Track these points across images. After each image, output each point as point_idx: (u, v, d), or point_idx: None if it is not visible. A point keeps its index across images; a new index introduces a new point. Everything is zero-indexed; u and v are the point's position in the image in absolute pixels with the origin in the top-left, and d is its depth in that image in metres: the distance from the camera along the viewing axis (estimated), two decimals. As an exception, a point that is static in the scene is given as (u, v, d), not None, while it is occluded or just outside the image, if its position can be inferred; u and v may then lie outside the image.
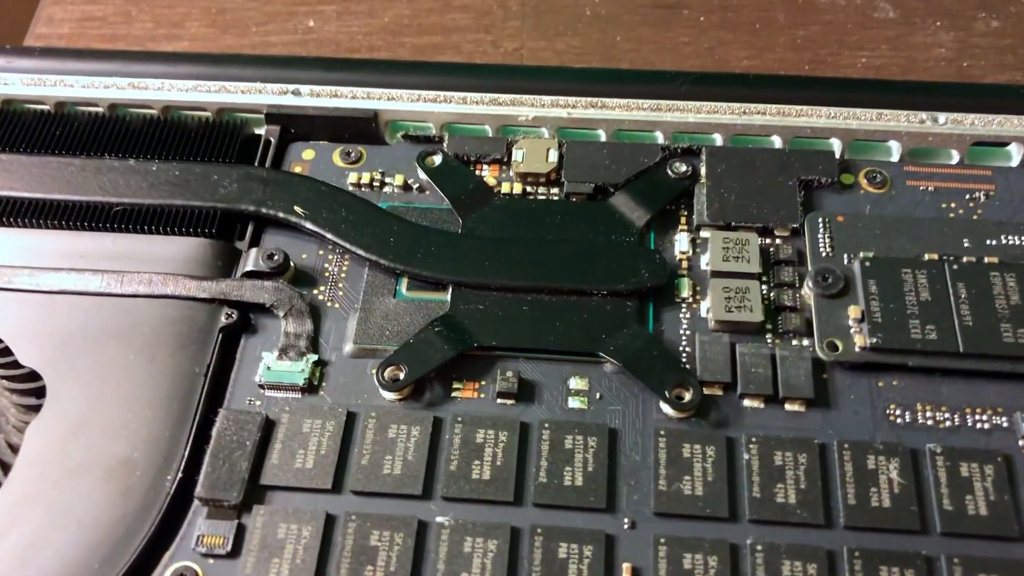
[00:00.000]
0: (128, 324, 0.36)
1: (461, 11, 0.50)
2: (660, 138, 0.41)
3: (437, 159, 0.40)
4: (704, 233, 0.38)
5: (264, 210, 0.38)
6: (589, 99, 0.41)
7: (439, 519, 0.32)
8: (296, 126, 0.42)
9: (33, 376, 0.35)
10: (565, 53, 0.49)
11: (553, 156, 0.40)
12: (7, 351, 0.36)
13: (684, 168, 0.39)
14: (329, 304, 0.37)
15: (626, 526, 0.32)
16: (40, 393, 0.35)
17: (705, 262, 0.37)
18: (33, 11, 0.53)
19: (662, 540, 0.31)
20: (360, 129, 0.42)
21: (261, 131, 0.42)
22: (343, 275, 0.38)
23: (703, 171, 0.39)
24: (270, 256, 0.37)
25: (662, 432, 0.33)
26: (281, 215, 0.38)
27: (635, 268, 0.36)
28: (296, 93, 0.42)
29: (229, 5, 0.52)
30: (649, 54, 0.49)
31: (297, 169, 0.41)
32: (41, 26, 0.52)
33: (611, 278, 0.36)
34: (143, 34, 0.51)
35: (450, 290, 0.36)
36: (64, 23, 0.51)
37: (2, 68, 0.43)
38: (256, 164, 0.41)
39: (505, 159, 0.40)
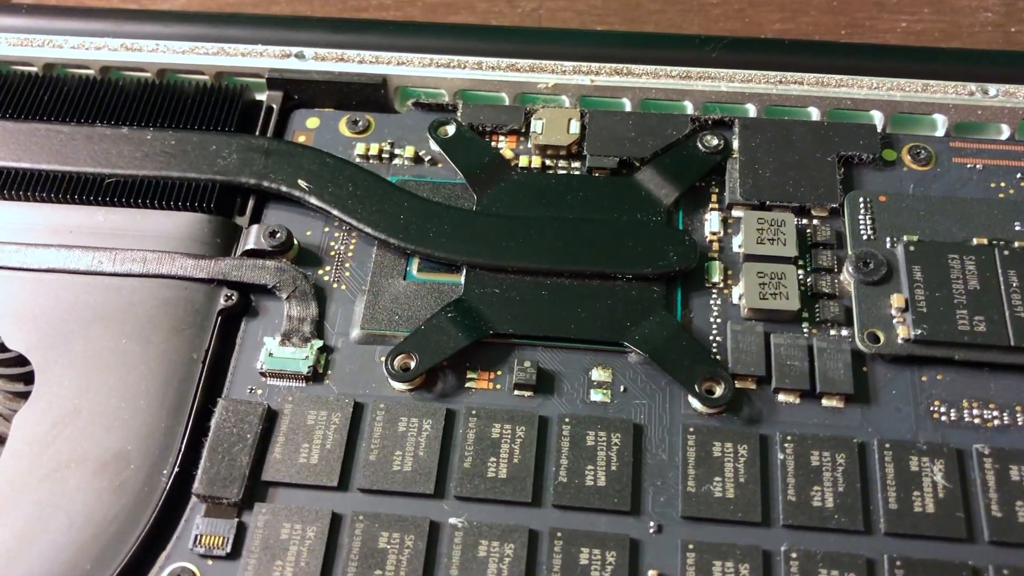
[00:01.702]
0: (121, 305, 0.34)
1: (475, -32, 0.47)
2: (690, 108, 0.39)
3: (450, 129, 0.37)
4: (736, 212, 0.36)
5: (266, 183, 0.36)
6: (614, 65, 0.38)
7: (452, 520, 0.30)
8: (300, 92, 0.39)
9: (20, 360, 0.33)
10: (586, 14, 0.46)
11: (575, 127, 0.37)
12: (-8, 334, 0.34)
13: (716, 142, 0.36)
14: (335, 286, 0.35)
15: (652, 530, 0.30)
16: (28, 379, 0.33)
17: (738, 244, 0.35)
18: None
19: (690, 546, 0.29)
20: (368, 96, 0.39)
21: (262, 97, 0.39)
22: (350, 254, 0.35)
23: (736, 145, 0.37)
24: (272, 233, 0.35)
25: (691, 429, 0.31)
26: (284, 189, 0.36)
27: (663, 250, 0.34)
28: (300, 56, 0.39)
29: (228, -41, 0.49)
30: (676, 16, 0.46)
31: (301, 139, 0.38)
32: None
33: (637, 261, 0.34)
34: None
35: (464, 272, 0.34)
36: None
37: (-13, 26, 0.41)
38: (257, 133, 0.38)
39: (523, 130, 0.38)
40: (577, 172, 0.37)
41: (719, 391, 0.31)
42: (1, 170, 0.36)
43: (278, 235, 0.35)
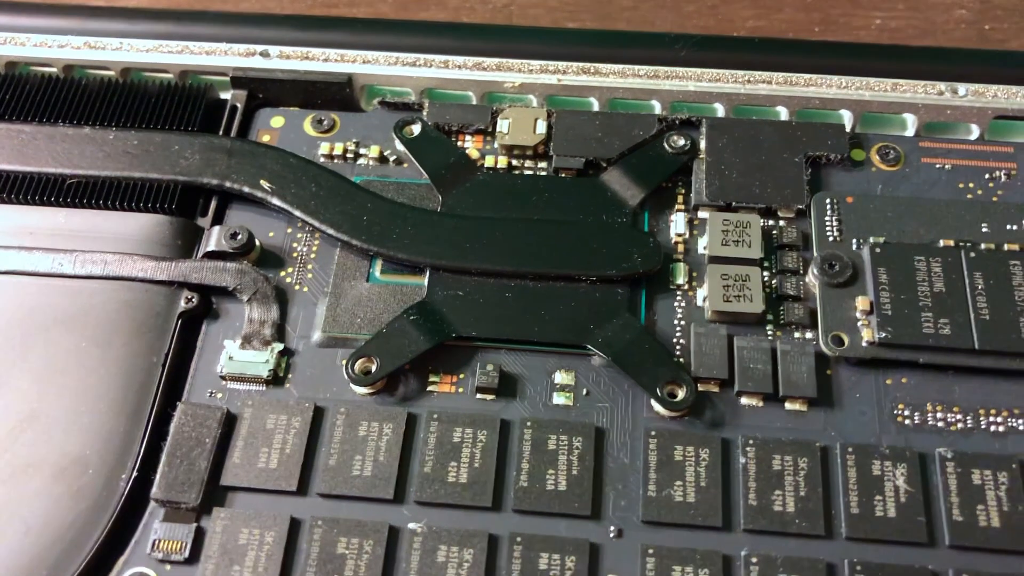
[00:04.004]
0: (80, 308, 0.33)
1: (447, -37, 0.47)
2: (658, 108, 0.38)
3: (416, 128, 0.37)
4: (702, 214, 0.35)
5: (228, 184, 0.36)
6: (581, 64, 0.38)
7: (411, 525, 0.30)
8: (265, 91, 0.39)
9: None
10: (558, 10, 0.46)
11: (541, 127, 0.37)
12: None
13: (682, 142, 0.36)
14: (297, 288, 0.34)
15: (612, 535, 0.30)
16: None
17: (703, 246, 0.35)
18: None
19: (650, 551, 0.29)
20: (333, 94, 0.39)
21: (227, 96, 0.39)
22: (312, 256, 0.35)
23: (703, 145, 0.36)
24: (233, 235, 0.34)
25: (653, 432, 0.31)
26: (246, 190, 0.35)
27: (627, 252, 0.34)
28: (265, 55, 0.39)
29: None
30: (648, 12, 0.46)
31: (265, 138, 0.38)
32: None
33: (601, 263, 0.33)
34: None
35: (427, 274, 0.34)
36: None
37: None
38: (221, 133, 0.38)
39: (490, 129, 0.37)
40: (543, 172, 0.37)
41: (681, 394, 0.31)
42: (-42, 171, 0.36)
43: (239, 236, 0.34)
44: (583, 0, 0.46)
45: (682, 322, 0.33)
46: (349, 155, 0.37)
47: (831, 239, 0.34)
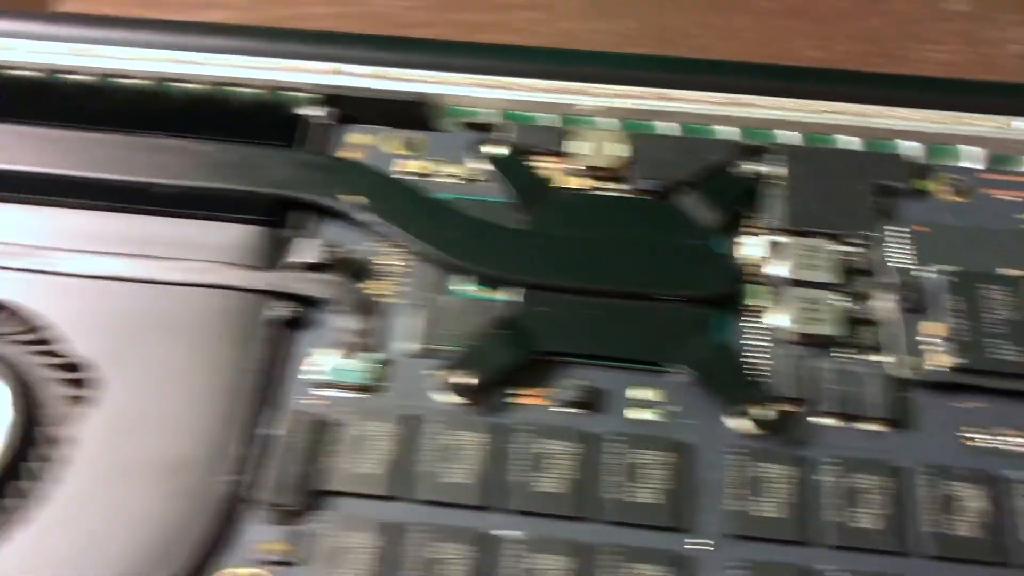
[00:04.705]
0: (176, 314, 0.34)
1: (514, -14, 0.48)
2: (730, 134, 0.39)
3: (498, 149, 0.38)
4: (776, 238, 0.37)
5: (316, 197, 0.37)
6: (658, 90, 0.39)
7: (506, 533, 0.31)
8: (347, 108, 0.40)
9: (79, 366, 0.34)
10: (622, 35, 0.47)
11: (620, 149, 0.38)
12: (52, 338, 0.34)
13: (758, 168, 0.37)
14: (384, 300, 0.36)
15: (699, 547, 0.31)
16: (86, 384, 0.34)
17: (777, 269, 0.36)
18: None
19: (736, 563, 0.30)
20: (413, 113, 0.40)
21: (310, 111, 0.40)
22: (398, 269, 0.36)
23: (776, 172, 0.38)
24: (323, 246, 0.35)
25: (734, 449, 0.32)
26: (334, 204, 0.37)
27: (706, 273, 0.35)
28: (349, 74, 0.40)
29: (268, -29, 0.50)
30: (710, 40, 0.47)
31: (347, 154, 0.39)
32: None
33: (682, 283, 0.35)
34: (180, 0, 0.49)
35: (514, 291, 0.35)
36: (98, -14, 0.49)
37: (44, 36, 0.41)
38: (305, 147, 0.39)
39: (568, 151, 0.39)
40: (621, 194, 0.38)
41: (761, 413, 0.32)
42: (62, 178, 0.37)
43: (330, 248, 0.35)
44: (646, 27, 0.48)
45: (758, 343, 0.34)
46: (430, 173, 0.38)
47: (903, 267, 0.35)
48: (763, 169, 0.38)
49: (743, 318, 0.35)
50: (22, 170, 0.37)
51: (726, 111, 0.39)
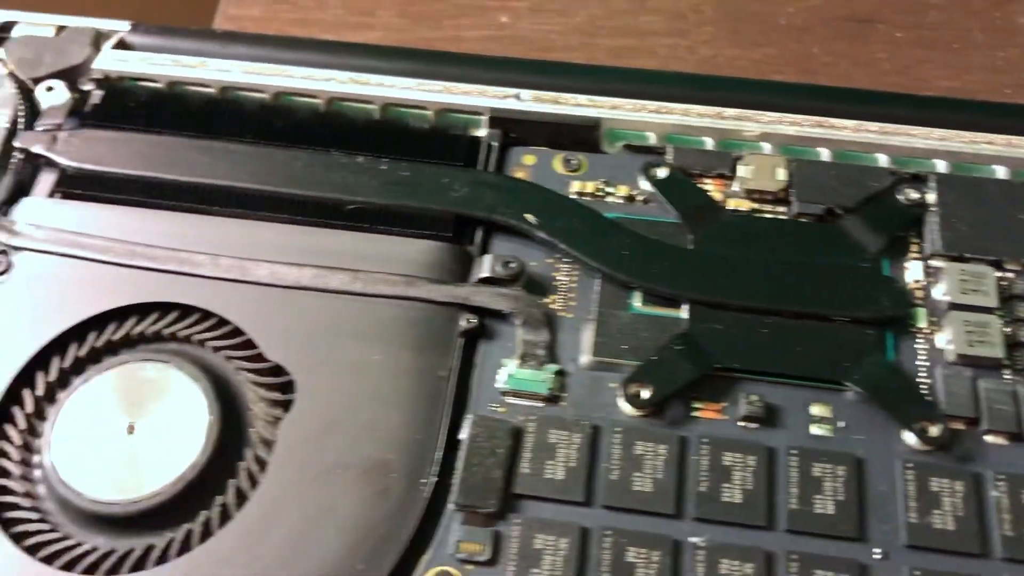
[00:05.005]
0: (369, 324, 0.36)
1: (654, 13, 0.50)
2: (883, 161, 0.41)
3: (663, 172, 0.40)
4: (937, 263, 0.38)
5: (495, 216, 0.39)
6: (816, 118, 0.41)
7: (693, 539, 0.32)
8: (517, 130, 0.42)
9: (279, 371, 0.36)
10: (761, 63, 0.49)
11: (781, 174, 0.40)
12: (251, 344, 0.36)
13: (916, 195, 0.39)
14: (561, 314, 0.37)
15: (878, 557, 0.32)
16: (286, 388, 0.36)
17: (941, 293, 0.37)
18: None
19: (916, 573, 0.32)
20: (579, 136, 0.42)
21: (480, 133, 0.42)
22: (574, 285, 0.38)
23: (933, 199, 0.39)
24: (506, 263, 0.37)
25: (909, 464, 0.34)
26: (512, 222, 0.39)
27: (876, 296, 0.36)
28: (518, 97, 0.42)
29: (419, -4, 0.52)
30: (846, 68, 0.49)
31: (518, 174, 0.41)
32: (231, 7, 0.52)
33: (852, 305, 0.36)
34: (334, 20, 0.51)
35: (687, 307, 0.37)
36: (254, 5, 0.52)
37: (219, 54, 0.44)
38: (480, 168, 0.41)
39: (730, 173, 0.40)
40: (783, 217, 0.39)
41: (934, 431, 0.34)
42: (256, 192, 0.39)
43: (512, 265, 0.37)
44: (784, 54, 0.49)
45: (926, 363, 0.36)
46: (599, 193, 0.40)
47: (1058, 292, 0.37)
48: (916, 195, 0.39)
49: (907, 339, 0.36)
50: (222, 184, 0.39)
51: (879, 139, 0.41)
